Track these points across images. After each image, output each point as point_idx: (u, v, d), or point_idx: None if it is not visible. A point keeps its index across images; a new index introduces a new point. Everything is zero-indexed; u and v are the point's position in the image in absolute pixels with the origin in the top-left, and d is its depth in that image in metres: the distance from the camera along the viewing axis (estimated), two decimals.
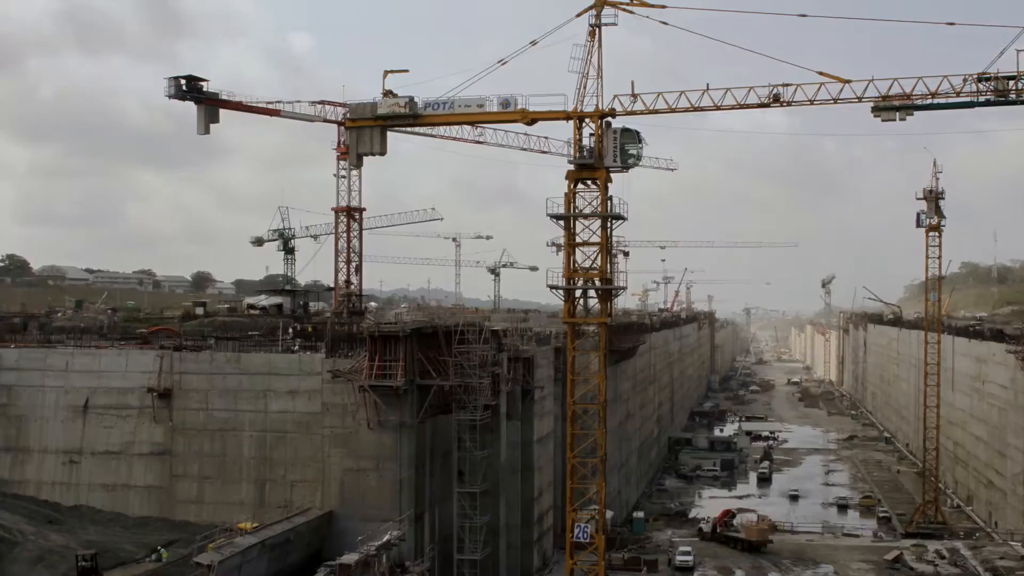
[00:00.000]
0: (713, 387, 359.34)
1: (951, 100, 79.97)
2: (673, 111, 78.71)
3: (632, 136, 79.55)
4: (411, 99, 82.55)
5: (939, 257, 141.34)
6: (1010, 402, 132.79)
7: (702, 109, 78.40)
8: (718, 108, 78.10)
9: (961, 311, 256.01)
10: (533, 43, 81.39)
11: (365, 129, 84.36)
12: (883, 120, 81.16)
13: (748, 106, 78.19)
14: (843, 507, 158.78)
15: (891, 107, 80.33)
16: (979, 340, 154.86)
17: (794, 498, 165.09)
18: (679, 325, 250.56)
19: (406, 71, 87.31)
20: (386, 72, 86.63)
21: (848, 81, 78.32)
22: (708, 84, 78.14)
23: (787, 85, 77.84)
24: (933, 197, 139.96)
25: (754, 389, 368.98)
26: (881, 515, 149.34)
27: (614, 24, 78.74)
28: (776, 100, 78.25)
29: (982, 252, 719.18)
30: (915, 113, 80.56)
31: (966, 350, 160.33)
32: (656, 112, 78.86)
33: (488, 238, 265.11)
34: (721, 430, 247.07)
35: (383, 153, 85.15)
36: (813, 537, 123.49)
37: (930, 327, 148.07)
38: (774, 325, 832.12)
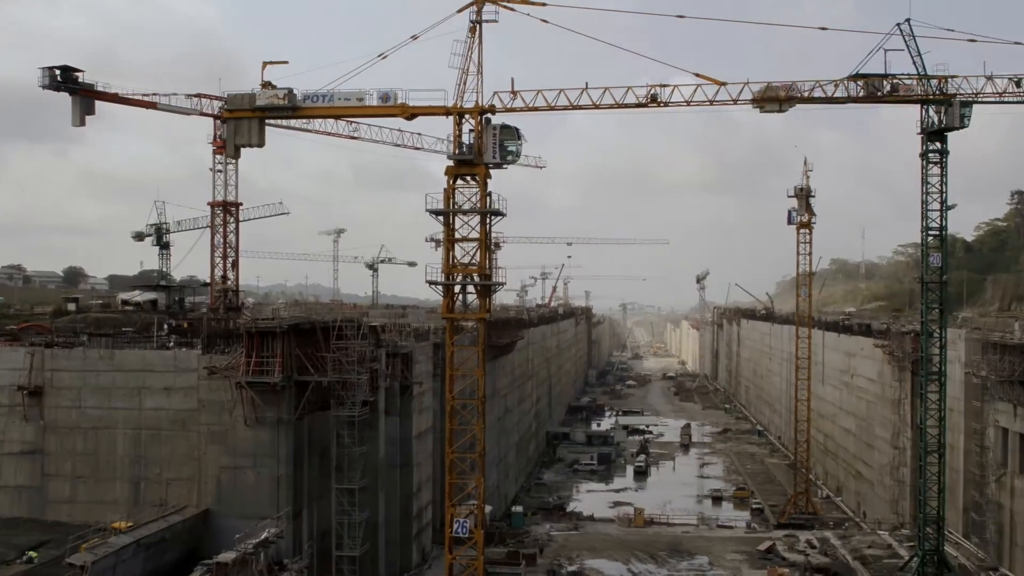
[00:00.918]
0: (590, 382, 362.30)
1: (827, 95, 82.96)
2: (552, 109, 79.43)
3: (511, 133, 79.99)
4: (290, 91, 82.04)
5: (809, 254, 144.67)
6: (877, 395, 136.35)
7: (581, 107, 79.33)
8: (596, 107, 79.05)
9: (831, 306, 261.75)
10: (414, 37, 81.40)
11: (243, 120, 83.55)
12: (762, 111, 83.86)
13: (626, 106, 79.27)
14: (717, 499, 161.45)
15: (773, 99, 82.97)
16: (848, 335, 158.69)
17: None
18: (557, 320, 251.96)
19: (285, 62, 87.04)
20: (265, 63, 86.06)
21: (723, 84, 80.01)
22: (587, 83, 79.11)
23: (664, 86, 79.17)
24: (804, 195, 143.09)
25: (630, 384, 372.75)
26: (754, 506, 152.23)
27: (495, 21, 79.10)
28: (653, 100, 79.47)
29: (851, 249, 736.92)
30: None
31: (835, 344, 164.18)
32: (535, 109, 79.48)
33: (340, 232, 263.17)
34: (598, 424, 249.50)
35: (261, 145, 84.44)
36: (689, 529, 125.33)
37: (801, 322, 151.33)
38: (650, 320, 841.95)
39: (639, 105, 79.29)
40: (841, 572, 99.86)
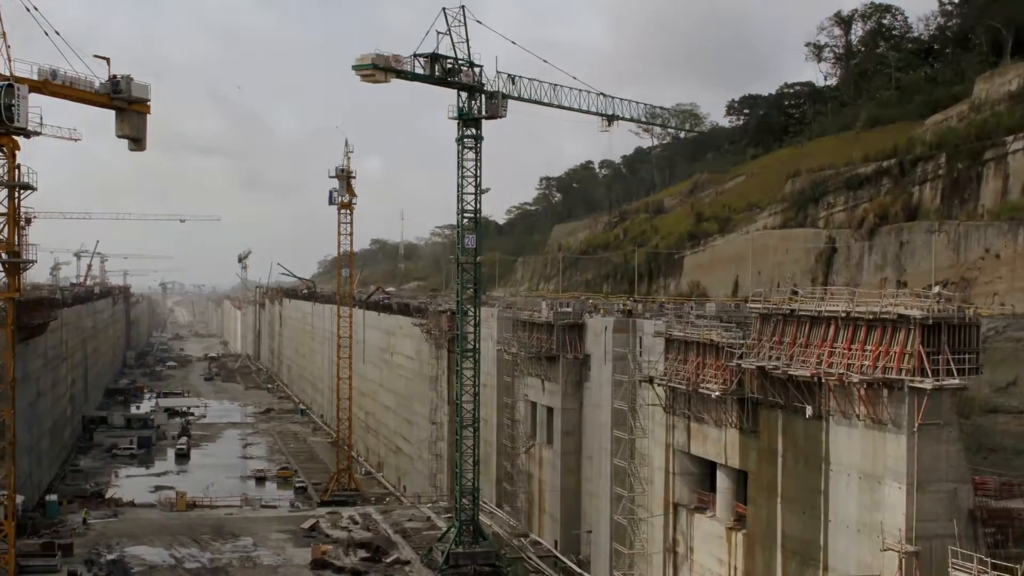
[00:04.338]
0: (129, 363, 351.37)
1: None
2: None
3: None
4: None
5: (351, 234, 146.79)
6: (416, 372, 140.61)
7: None
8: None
9: (371, 286, 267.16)
10: None
11: None
12: (368, 80, 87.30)
13: None
14: (261, 479, 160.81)
15: (380, 68, 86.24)
16: (388, 314, 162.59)
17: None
18: (93, 300, 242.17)
19: None
20: None
21: None
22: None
23: None
24: (345, 176, 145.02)
25: (171, 365, 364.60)
26: (298, 485, 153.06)
27: None
28: None
29: (390, 230, 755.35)
30: None
31: (376, 323, 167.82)
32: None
33: None
34: (138, 407, 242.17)
35: None
36: (232, 511, 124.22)
37: (342, 301, 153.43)
38: (191, 300, 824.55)
39: None
40: (382, 546, 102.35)
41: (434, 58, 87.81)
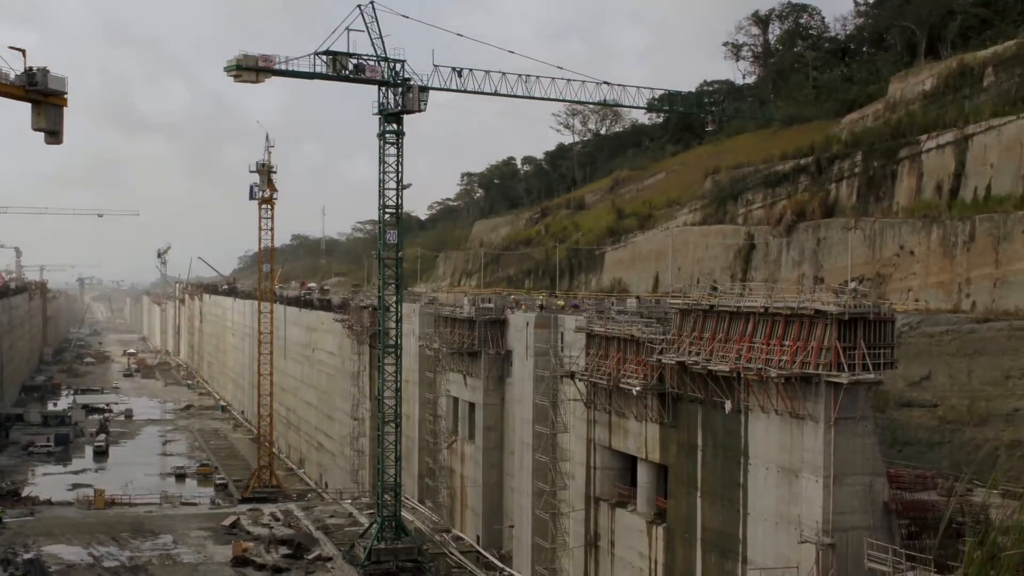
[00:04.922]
0: (46, 360, 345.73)
1: (300, 70, 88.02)
2: None
3: None
4: None
5: (272, 229, 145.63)
6: (338, 368, 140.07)
7: None
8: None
9: (292, 281, 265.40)
10: None
11: None
12: (239, 81, 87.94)
13: None
14: (181, 476, 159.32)
15: (250, 68, 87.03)
16: (309, 309, 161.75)
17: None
18: (8, 296, 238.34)
19: None
20: None
21: None
22: None
23: None
24: (265, 171, 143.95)
25: (89, 361, 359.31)
26: (219, 482, 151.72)
27: None
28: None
29: (312, 225, 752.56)
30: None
31: (297, 319, 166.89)
32: None
33: None
34: (55, 404, 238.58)
35: None
36: (152, 508, 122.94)
37: (263, 297, 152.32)
38: (110, 296, 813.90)
39: None
40: (304, 542, 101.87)
41: (333, 55, 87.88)
